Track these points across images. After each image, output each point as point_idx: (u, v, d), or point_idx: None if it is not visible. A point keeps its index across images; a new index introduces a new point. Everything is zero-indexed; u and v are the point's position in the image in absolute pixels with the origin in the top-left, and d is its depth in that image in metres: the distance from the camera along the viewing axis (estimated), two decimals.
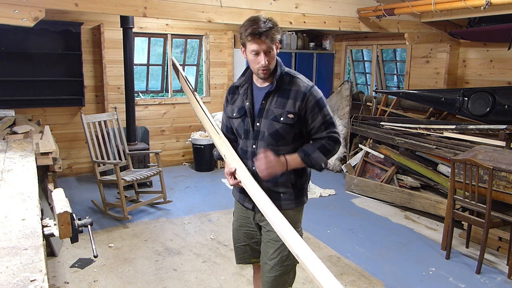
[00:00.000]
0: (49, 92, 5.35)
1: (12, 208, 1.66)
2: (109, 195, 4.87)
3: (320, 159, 1.92)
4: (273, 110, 1.93)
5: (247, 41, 1.84)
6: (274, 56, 1.89)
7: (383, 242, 3.86)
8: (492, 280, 3.21)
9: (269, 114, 1.93)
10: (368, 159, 5.38)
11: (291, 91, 1.92)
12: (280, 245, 1.98)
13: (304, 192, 2.08)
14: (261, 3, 3.90)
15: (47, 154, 3.11)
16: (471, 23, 4.89)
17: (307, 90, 1.91)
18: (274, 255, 2.02)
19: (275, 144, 1.95)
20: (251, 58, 1.88)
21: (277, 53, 1.92)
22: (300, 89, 1.91)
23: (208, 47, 6.49)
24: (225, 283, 3.09)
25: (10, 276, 1.15)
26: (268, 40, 1.82)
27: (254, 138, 1.99)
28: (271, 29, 1.82)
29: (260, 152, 1.92)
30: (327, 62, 7.06)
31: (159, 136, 6.32)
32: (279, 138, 1.94)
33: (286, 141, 1.95)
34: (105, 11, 3.37)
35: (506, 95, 4.37)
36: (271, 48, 1.85)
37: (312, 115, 1.92)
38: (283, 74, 1.95)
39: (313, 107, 1.91)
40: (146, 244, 3.72)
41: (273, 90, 1.94)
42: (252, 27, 1.81)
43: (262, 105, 1.96)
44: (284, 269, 2.03)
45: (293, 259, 2.00)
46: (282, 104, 1.92)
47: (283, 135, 1.93)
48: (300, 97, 1.90)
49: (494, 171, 3.15)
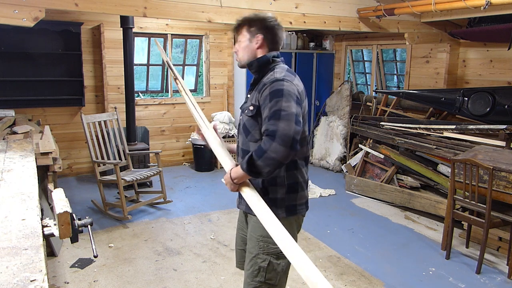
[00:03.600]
0: (49, 92, 5.35)
1: (12, 208, 1.66)
2: (109, 195, 4.87)
3: (253, 166, 1.66)
4: (247, 103, 1.89)
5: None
6: (243, 47, 1.91)
7: (383, 242, 3.86)
8: (492, 280, 3.21)
9: (244, 108, 1.91)
10: (368, 159, 5.38)
11: (260, 83, 1.83)
12: (252, 257, 1.89)
13: (276, 202, 1.84)
14: (261, 3, 3.90)
15: (47, 154, 3.11)
16: (471, 23, 4.89)
17: (269, 81, 1.76)
18: (248, 267, 1.92)
19: (245, 138, 1.88)
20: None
21: (259, 48, 1.89)
22: (265, 80, 1.80)
23: (208, 47, 6.49)
24: (225, 283, 3.09)
25: (10, 276, 1.15)
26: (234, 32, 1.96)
27: (238, 132, 1.99)
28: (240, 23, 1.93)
29: (239, 147, 1.94)
30: (327, 62, 7.06)
31: (159, 136, 6.32)
32: (247, 133, 1.87)
33: (253, 136, 1.84)
34: (105, 11, 3.37)
35: (506, 95, 4.37)
36: (237, 40, 1.95)
37: (264, 106, 1.73)
38: (267, 69, 1.86)
39: (265, 97, 1.72)
40: (146, 244, 3.72)
41: (252, 83, 1.93)
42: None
43: (246, 98, 1.95)
44: (255, 284, 1.88)
45: (266, 278, 1.87)
46: (252, 97, 1.86)
47: (249, 129, 1.85)
48: (260, 88, 1.79)
49: (494, 171, 3.15)
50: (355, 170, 5.47)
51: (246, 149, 1.87)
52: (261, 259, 1.87)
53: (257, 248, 1.87)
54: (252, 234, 1.91)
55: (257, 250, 1.88)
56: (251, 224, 1.93)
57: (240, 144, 1.94)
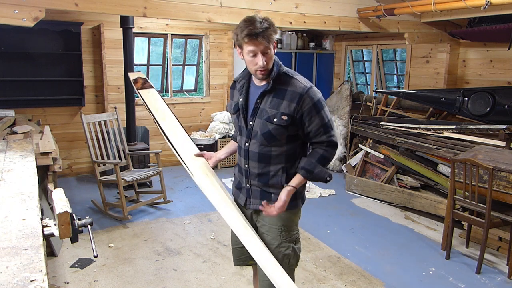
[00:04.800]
0: (49, 92, 5.35)
1: (12, 208, 1.66)
2: (109, 195, 4.87)
3: (322, 173, 1.91)
4: (267, 110, 1.89)
5: (243, 42, 1.81)
6: (271, 56, 1.85)
7: (383, 242, 3.86)
8: (492, 280, 3.21)
9: (263, 114, 1.90)
10: (368, 159, 5.38)
11: (287, 92, 1.87)
12: (274, 248, 1.99)
13: (296, 195, 2.01)
14: (261, 3, 3.90)
15: (47, 154, 3.11)
16: (471, 23, 4.89)
17: (304, 92, 1.85)
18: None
19: (267, 144, 1.93)
20: (248, 59, 1.85)
21: (274, 53, 1.89)
22: (296, 90, 1.86)
23: (208, 47, 6.49)
24: (225, 283, 3.09)
25: (10, 276, 1.15)
26: (265, 40, 1.78)
27: (247, 136, 1.98)
28: (267, 29, 1.78)
29: (252, 151, 1.97)
30: (327, 62, 7.06)
31: (159, 136, 6.31)
32: (272, 139, 1.91)
33: (279, 142, 1.92)
34: (105, 11, 3.37)
35: (506, 95, 4.37)
36: (268, 49, 1.81)
37: (309, 118, 1.87)
38: (280, 73, 1.91)
39: (310, 109, 1.86)
40: (146, 244, 3.72)
41: (268, 90, 1.90)
42: (249, 28, 1.77)
43: (257, 104, 1.93)
44: None
45: (288, 264, 2.01)
46: (276, 105, 1.88)
47: (276, 136, 1.90)
48: (296, 99, 1.85)
49: (494, 171, 3.15)
50: (355, 170, 5.47)
51: (266, 153, 1.95)
52: (285, 247, 2.00)
53: (279, 238, 2.00)
54: (271, 226, 2.01)
55: (280, 240, 2.00)
56: (268, 217, 2.00)
57: (255, 148, 1.96)
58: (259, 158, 1.96)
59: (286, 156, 1.95)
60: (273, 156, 1.94)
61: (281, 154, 1.94)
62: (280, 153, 1.94)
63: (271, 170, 1.95)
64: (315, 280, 3.13)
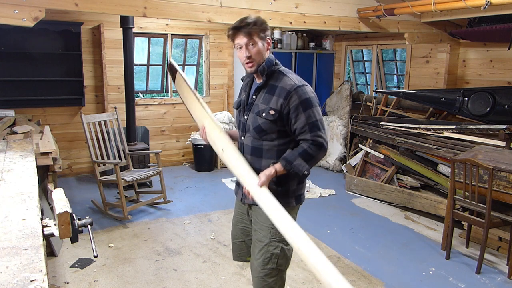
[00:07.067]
0: (49, 92, 5.35)
1: (12, 208, 1.66)
2: (109, 195, 4.87)
3: (301, 166, 1.90)
4: (259, 105, 1.98)
5: (231, 37, 1.94)
6: (258, 50, 1.93)
7: (383, 242, 3.86)
8: (492, 280, 3.21)
9: (255, 109, 1.99)
10: (368, 159, 5.38)
11: (277, 88, 1.95)
12: (263, 245, 2.02)
13: (289, 193, 2.03)
14: (261, 3, 3.90)
15: (47, 154, 3.11)
16: (471, 23, 4.88)
17: (292, 89, 1.91)
18: (258, 256, 2.05)
19: (259, 138, 2.00)
20: (238, 54, 1.97)
21: (268, 50, 1.98)
22: (285, 86, 1.93)
23: (208, 47, 6.49)
24: (225, 283, 3.09)
25: (10, 276, 1.15)
26: (247, 33, 1.89)
27: (243, 130, 2.07)
28: (250, 24, 1.89)
29: (246, 145, 2.02)
30: (327, 62, 7.06)
31: (159, 136, 6.32)
32: (262, 133, 1.98)
33: (269, 136, 1.98)
34: (105, 11, 3.37)
35: (506, 95, 4.37)
36: (252, 41, 1.90)
37: (296, 115, 1.90)
38: (275, 71, 1.99)
39: (296, 106, 1.90)
40: (146, 244, 3.72)
41: (262, 86, 1.99)
42: (235, 23, 1.92)
43: (252, 99, 2.03)
44: (266, 272, 2.03)
45: (277, 264, 2.02)
46: (267, 100, 1.96)
47: (266, 130, 1.97)
48: (283, 95, 1.91)
49: (494, 171, 3.15)
50: (355, 170, 5.47)
51: (258, 147, 2.00)
52: (273, 246, 2.01)
53: (269, 236, 2.01)
54: (262, 224, 2.02)
55: (269, 238, 2.01)
56: (260, 215, 2.01)
57: (249, 142, 2.04)
58: (252, 151, 2.03)
59: (277, 151, 1.99)
60: (264, 150, 2.00)
61: (272, 149, 1.99)
62: (271, 147, 1.99)
63: (263, 165, 1.99)
64: (315, 280, 3.13)
